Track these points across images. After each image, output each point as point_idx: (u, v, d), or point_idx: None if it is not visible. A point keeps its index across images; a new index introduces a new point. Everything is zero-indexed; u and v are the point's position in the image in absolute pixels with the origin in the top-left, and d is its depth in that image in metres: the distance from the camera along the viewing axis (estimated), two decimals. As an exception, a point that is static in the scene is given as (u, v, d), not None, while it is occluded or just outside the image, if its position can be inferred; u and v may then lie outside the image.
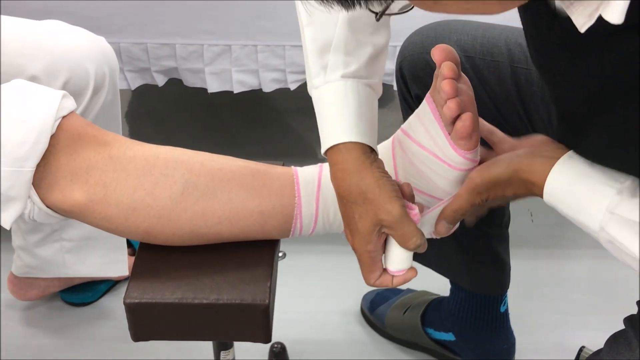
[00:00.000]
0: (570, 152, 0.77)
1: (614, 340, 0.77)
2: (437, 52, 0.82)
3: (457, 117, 0.82)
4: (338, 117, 0.83)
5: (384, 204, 0.79)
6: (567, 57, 0.69)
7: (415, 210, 0.81)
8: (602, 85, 0.67)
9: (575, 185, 0.75)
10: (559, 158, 0.76)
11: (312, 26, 0.87)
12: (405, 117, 0.96)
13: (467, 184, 0.83)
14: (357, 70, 0.85)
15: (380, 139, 0.93)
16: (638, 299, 0.81)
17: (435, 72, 0.85)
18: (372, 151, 0.83)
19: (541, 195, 0.77)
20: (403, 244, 0.82)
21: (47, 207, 0.84)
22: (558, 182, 0.76)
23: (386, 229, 0.82)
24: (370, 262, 0.85)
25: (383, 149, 0.91)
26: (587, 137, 0.74)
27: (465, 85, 0.85)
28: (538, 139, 0.84)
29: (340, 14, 0.84)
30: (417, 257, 1.30)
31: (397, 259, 0.84)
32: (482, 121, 0.89)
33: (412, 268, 0.86)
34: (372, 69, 0.86)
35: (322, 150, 0.85)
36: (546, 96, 0.97)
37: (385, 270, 0.86)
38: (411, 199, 0.84)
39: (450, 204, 0.85)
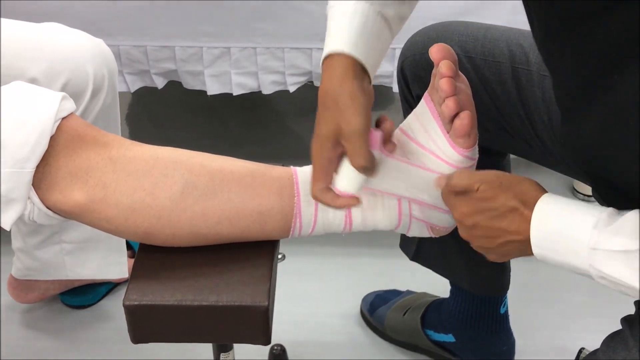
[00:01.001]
0: (544, 196, 0.77)
1: (611, 339, 0.77)
2: (435, 51, 0.83)
3: (456, 115, 0.82)
4: (340, 30, 0.83)
5: (349, 115, 0.78)
6: (567, 34, 0.69)
7: (376, 134, 0.80)
8: (599, 58, 0.67)
9: (558, 214, 0.75)
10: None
11: None
12: (406, 116, 0.97)
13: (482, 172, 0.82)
14: None
15: (380, 140, 0.94)
16: (636, 299, 0.81)
17: (433, 71, 0.85)
18: (364, 70, 0.82)
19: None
20: (351, 159, 0.80)
21: (47, 208, 0.84)
22: (542, 216, 0.76)
23: (342, 140, 0.80)
24: (320, 169, 0.83)
25: None
26: (585, 125, 0.74)
27: (464, 84, 0.85)
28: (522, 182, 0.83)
29: None
30: (418, 259, 1.32)
31: (345, 178, 0.82)
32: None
33: (357, 197, 0.83)
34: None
35: (320, 62, 0.84)
36: (547, 97, 0.97)
37: (329, 189, 0.84)
38: (386, 135, 0.83)
39: (453, 178, 0.83)
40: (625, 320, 0.77)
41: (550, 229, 0.75)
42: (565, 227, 0.74)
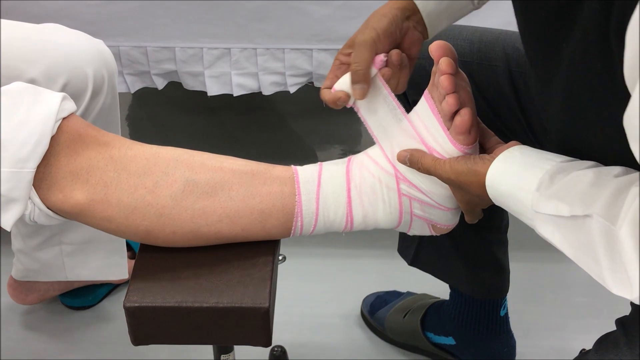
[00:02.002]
0: (512, 149, 0.78)
1: (603, 340, 0.77)
2: (435, 49, 0.83)
3: (456, 112, 0.82)
4: None
5: (365, 28, 0.87)
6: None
7: (380, 57, 0.86)
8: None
9: (509, 176, 0.76)
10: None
11: None
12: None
13: (445, 162, 0.84)
14: None
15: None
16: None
17: (433, 68, 0.85)
18: (414, 9, 0.89)
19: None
20: (351, 64, 0.86)
21: (48, 208, 0.84)
22: (495, 178, 0.77)
23: (351, 48, 0.88)
24: (334, 67, 0.91)
25: (378, 148, 0.92)
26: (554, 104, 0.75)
27: (463, 81, 0.85)
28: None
29: None
30: (416, 264, 1.32)
31: (341, 80, 0.88)
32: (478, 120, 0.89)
33: (345, 94, 0.88)
34: None
35: None
36: (544, 99, 0.97)
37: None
38: (395, 60, 0.88)
39: (423, 153, 0.86)
40: (619, 321, 0.77)
41: (501, 191, 0.77)
42: (513, 189, 0.75)
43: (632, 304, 0.80)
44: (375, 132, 0.90)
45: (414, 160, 0.86)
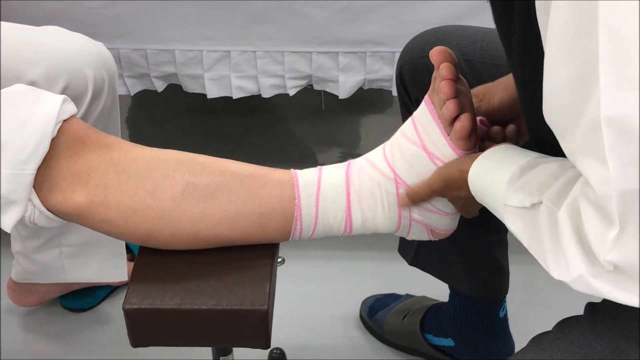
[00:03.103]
0: (500, 145, 0.79)
1: (567, 319, 0.79)
2: (436, 54, 0.83)
3: (456, 117, 0.83)
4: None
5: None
6: None
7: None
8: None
9: (486, 171, 0.77)
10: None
11: None
12: (405, 120, 0.97)
13: (436, 170, 0.85)
14: None
15: (379, 144, 0.94)
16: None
17: (434, 74, 0.85)
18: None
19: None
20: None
21: (48, 210, 0.84)
22: (475, 173, 0.78)
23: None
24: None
25: (379, 152, 0.92)
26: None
27: (464, 87, 0.85)
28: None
29: None
30: (416, 263, 1.32)
31: None
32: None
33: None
34: None
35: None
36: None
37: None
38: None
39: (417, 184, 0.87)
40: (589, 305, 0.78)
41: (478, 185, 0.78)
42: (488, 182, 0.76)
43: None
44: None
45: (410, 195, 0.88)
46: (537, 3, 0.61)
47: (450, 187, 0.83)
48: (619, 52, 0.53)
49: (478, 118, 0.91)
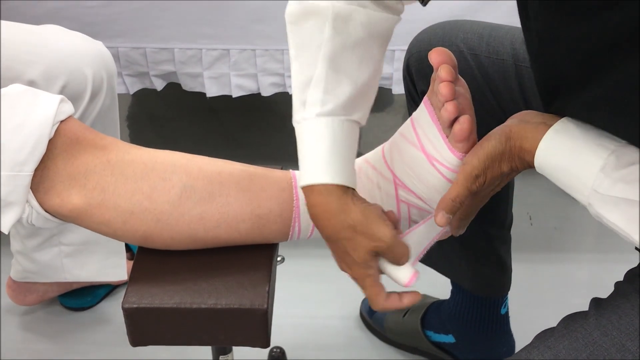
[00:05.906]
0: (565, 119, 0.77)
1: (573, 314, 0.78)
2: (435, 55, 0.83)
3: (455, 119, 0.82)
4: (313, 157, 0.81)
5: (376, 232, 0.78)
6: (566, 26, 0.69)
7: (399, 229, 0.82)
8: (602, 39, 0.66)
9: (567, 150, 0.74)
10: (550, 124, 0.76)
11: (298, 60, 0.85)
12: (411, 113, 0.97)
13: (463, 168, 0.81)
14: (333, 109, 0.81)
15: (379, 142, 0.94)
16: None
17: (433, 75, 0.85)
18: (349, 188, 0.80)
19: (532, 163, 0.77)
20: (396, 262, 0.81)
21: (45, 211, 0.84)
22: (549, 147, 0.75)
23: (381, 254, 0.80)
24: (375, 285, 0.82)
25: (378, 153, 0.91)
26: (573, 106, 0.74)
27: (463, 88, 0.85)
28: (527, 111, 0.83)
29: (322, 50, 0.82)
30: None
31: (399, 273, 0.82)
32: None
33: (417, 274, 0.83)
34: (353, 105, 0.82)
35: (300, 184, 0.82)
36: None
37: (390, 293, 0.83)
38: (396, 223, 0.82)
39: (448, 192, 0.82)
40: (594, 300, 0.78)
41: (554, 163, 0.75)
42: (570, 164, 0.74)
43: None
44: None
45: (446, 207, 0.83)
46: None
47: (495, 162, 0.80)
48: None
49: None
